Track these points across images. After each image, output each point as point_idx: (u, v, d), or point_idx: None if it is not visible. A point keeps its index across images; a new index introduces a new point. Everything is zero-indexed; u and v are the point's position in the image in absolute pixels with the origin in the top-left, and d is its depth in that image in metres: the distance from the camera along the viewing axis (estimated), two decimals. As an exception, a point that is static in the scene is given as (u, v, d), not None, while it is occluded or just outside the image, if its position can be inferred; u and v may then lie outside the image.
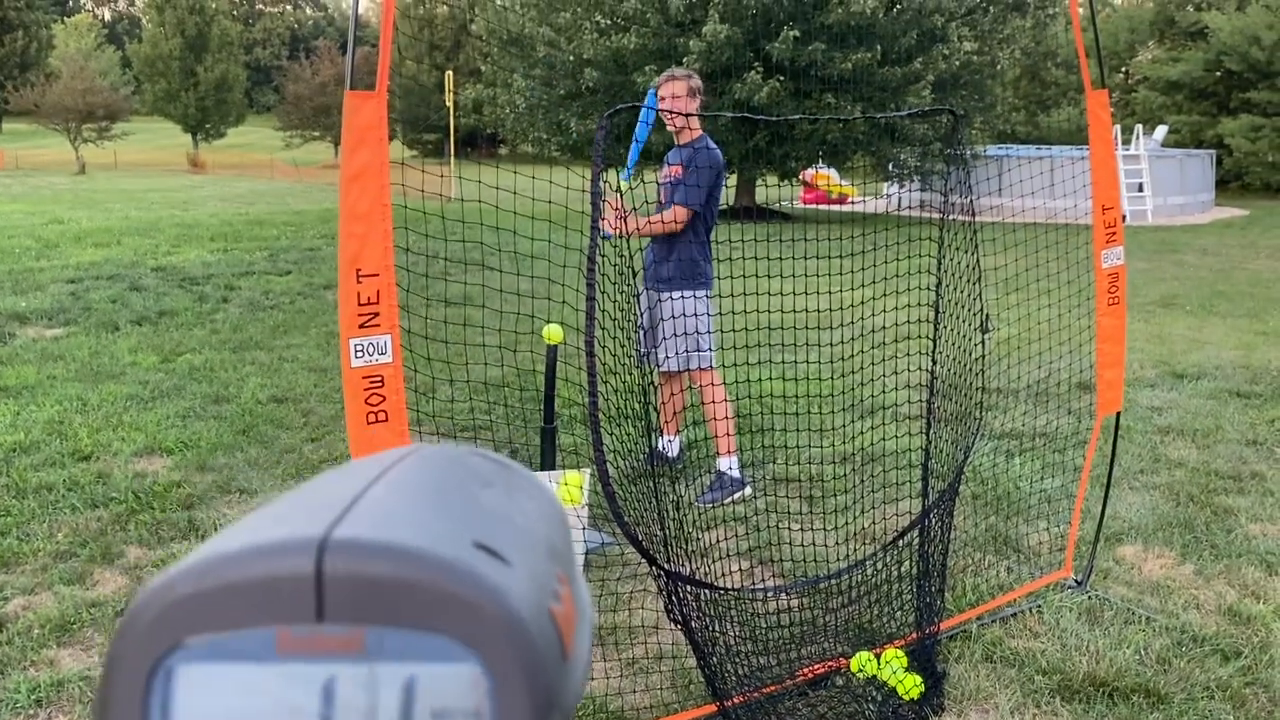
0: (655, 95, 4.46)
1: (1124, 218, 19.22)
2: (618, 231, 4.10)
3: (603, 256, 2.55)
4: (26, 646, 3.23)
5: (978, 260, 3.22)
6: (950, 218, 3.21)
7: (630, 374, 2.81)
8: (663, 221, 4.32)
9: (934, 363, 3.16)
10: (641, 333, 4.66)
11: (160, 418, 5.70)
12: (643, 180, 4.31)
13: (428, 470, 0.37)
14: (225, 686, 0.31)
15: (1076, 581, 3.68)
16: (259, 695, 0.31)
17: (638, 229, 4.32)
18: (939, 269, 3.15)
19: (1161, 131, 25.41)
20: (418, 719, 0.31)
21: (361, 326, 2.22)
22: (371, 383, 2.25)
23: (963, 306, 3.24)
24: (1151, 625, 3.35)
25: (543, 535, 0.35)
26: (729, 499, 4.43)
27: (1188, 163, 24.48)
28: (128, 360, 7.19)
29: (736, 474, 4.52)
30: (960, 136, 3.26)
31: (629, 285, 2.67)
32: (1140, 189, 21.79)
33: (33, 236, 14.37)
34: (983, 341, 3.27)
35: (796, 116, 2.84)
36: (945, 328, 3.17)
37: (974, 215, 3.21)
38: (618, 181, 4.22)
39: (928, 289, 3.18)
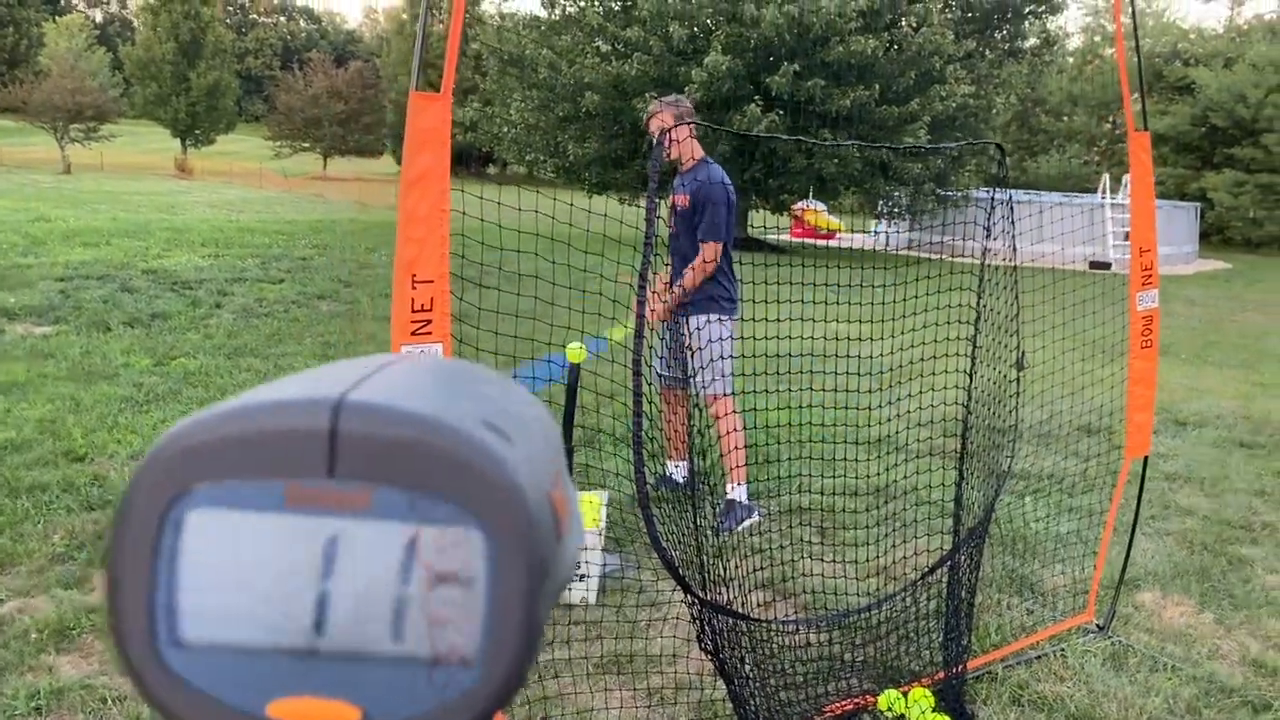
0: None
1: (1109, 265, 19.26)
2: (665, 316, 4.10)
3: (655, 274, 2.49)
4: (24, 651, 3.11)
5: (1016, 296, 3.19)
6: (990, 258, 3.17)
7: (691, 402, 2.74)
8: (703, 266, 4.26)
9: (969, 397, 3.12)
10: (659, 357, 4.59)
11: (156, 421, 5.58)
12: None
13: (435, 363, 0.38)
14: (233, 533, 0.31)
15: (1099, 626, 3.63)
16: (265, 543, 0.31)
17: (684, 291, 4.25)
18: (979, 304, 3.12)
19: (1148, 182, 25.70)
20: (416, 578, 0.31)
21: (414, 334, 2.15)
22: (419, 392, 2.18)
23: (998, 343, 3.20)
24: (1178, 674, 3.31)
25: (539, 431, 0.36)
26: (741, 526, 4.35)
27: (1173, 214, 24.78)
28: (120, 361, 7.05)
29: (745, 500, 4.45)
30: (1004, 173, 3.23)
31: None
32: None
33: (19, 233, 14.18)
34: (1018, 379, 3.23)
35: (837, 143, 2.80)
36: (980, 363, 3.14)
37: (1015, 251, 3.18)
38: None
39: (950, 323, 3.14)
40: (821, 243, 20.21)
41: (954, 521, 3.18)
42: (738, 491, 4.43)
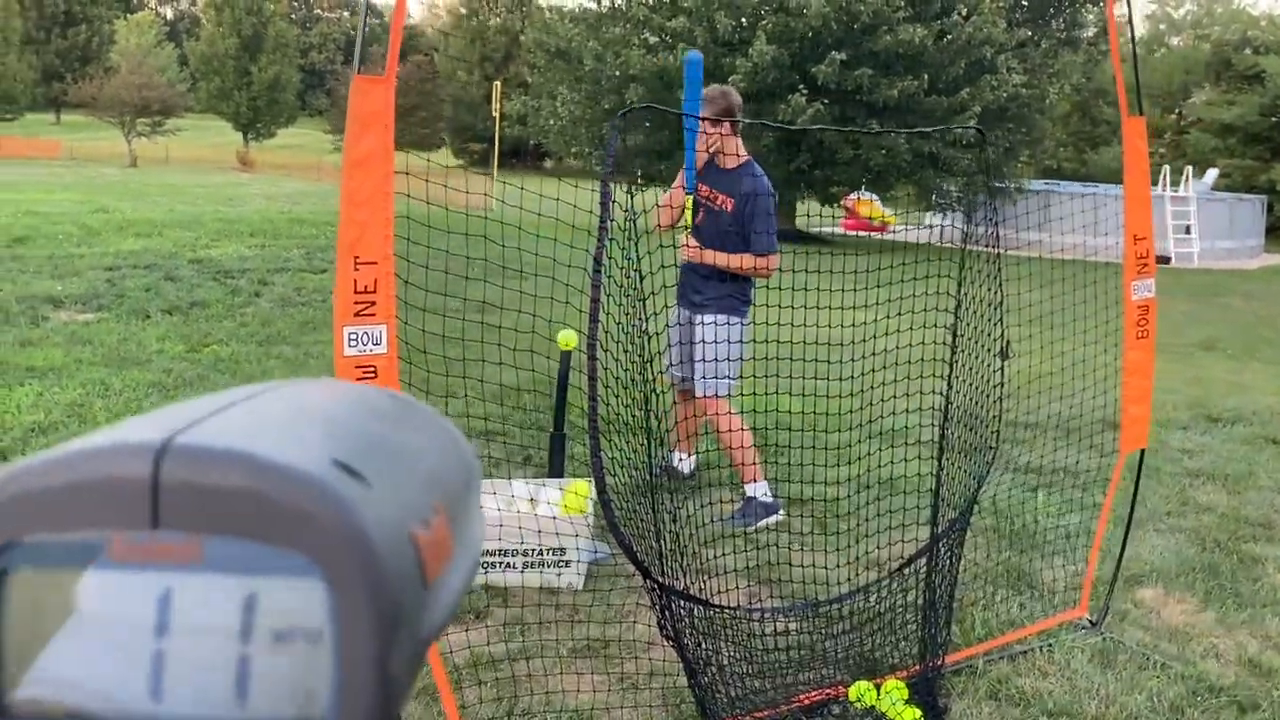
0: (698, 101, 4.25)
1: (1168, 260, 18.78)
2: (693, 258, 4.23)
3: (610, 259, 2.50)
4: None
5: (1000, 285, 3.13)
6: (973, 245, 3.13)
7: (641, 385, 2.74)
8: (761, 272, 4.31)
9: (949, 387, 3.08)
10: (671, 347, 4.58)
11: (179, 406, 5.72)
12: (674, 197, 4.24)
13: (314, 394, 0.36)
14: (56, 592, 0.29)
15: (1091, 622, 3.56)
16: (91, 602, 0.29)
17: (721, 264, 4.31)
18: (959, 292, 3.07)
19: (1212, 175, 25.04)
20: (258, 635, 0.29)
21: (357, 315, 2.18)
22: (364, 373, 2.21)
23: (983, 332, 3.15)
24: (1167, 672, 3.23)
25: (424, 466, 0.34)
26: (759, 524, 4.31)
27: (1238, 207, 24.09)
28: (155, 348, 7.24)
29: (768, 499, 4.40)
30: (986, 157, 3.17)
31: (635, 289, 2.61)
32: (1188, 231, 21.47)
33: (77, 224, 14.58)
34: (1002, 368, 3.17)
35: (819, 127, 2.79)
36: (962, 352, 3.09)
37: (998, 239, 3.12)
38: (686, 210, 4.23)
39: (946, 310, 3.10)
40: (874, 235, 19.99)
41: (932, 513, 3.14)
42: (755, 489, 4.40)
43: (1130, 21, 3.24)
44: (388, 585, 0.29)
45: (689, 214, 4.26)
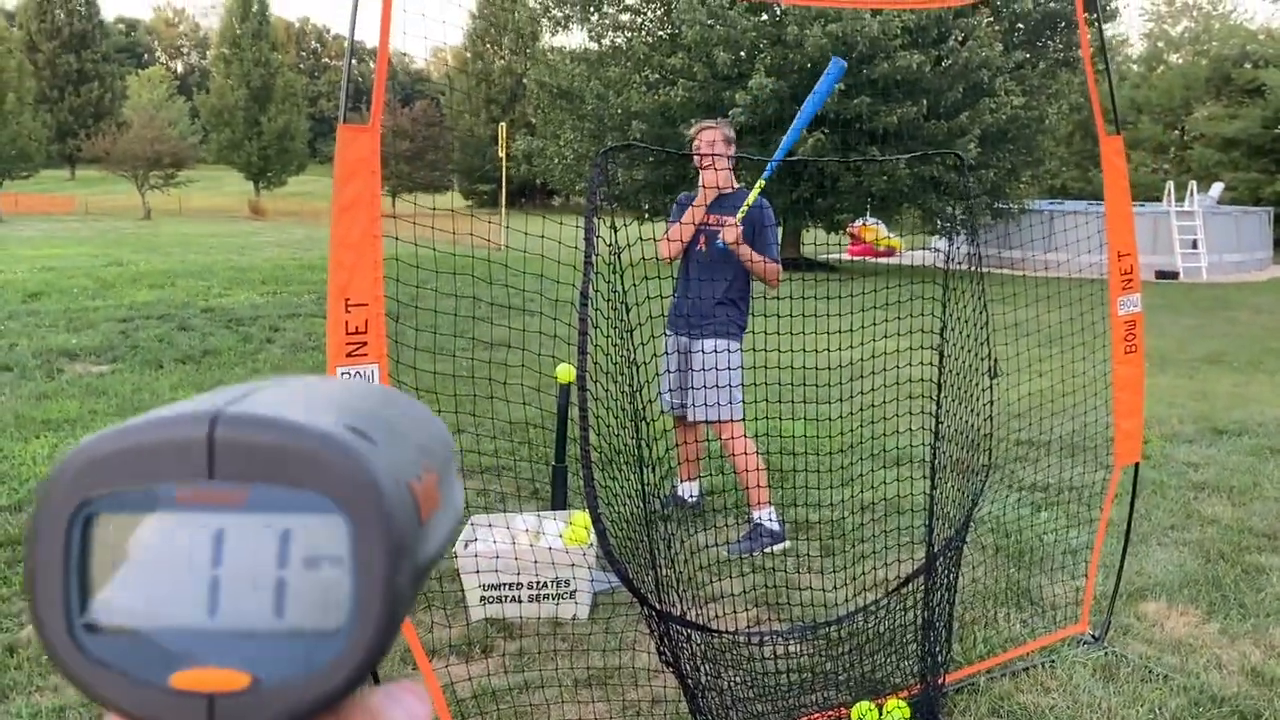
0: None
1: (1177, 274, 18.71)
2: (734, 242, 4.36)
3: (596, 291, 2.57)
4: (34, 672, 3.28)
5: (984, 304, 3.19)
6: (955, 265, 3.19)
7: (637, 417, 2.80)
8: (776, 274, 4.49)
9: (939, 407, 3.12)
10: (666, 375, 4.66)
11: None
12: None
13: (320, 382, 0.43)
14: (134, 531, 0.37)
15: (1093, 637, 3.57)
16: (161, 538, 0.37)
17: (754, 262, 4.47)
18: (944, 313, 3.13)
19: (1217, 189, 25.05)
20: (293, 561, 0.37)
21: (349, 355, 2.25)
22: (359, 411, 2.27)
23: (970, 352, 3.20)
24: (1169, 684, 3.24)
25: (413, 438, 0.41)
26: (763, 550, 4.35)
27: (1244, 220, 24.08)
28: (168, 397, 7.33)
29: (775, 526, 4.44)
30: (967, 181, 3.24)
31: (622, 321, 2.68)
32: (1194, 245, 21.46)
33: (91, 277, 14.79)
34: (990, 386, 3.22)
35: (799, 158, 2.85)
36: (951, 372, 3.14)
37: (979, 260, 3.18)
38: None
39: (933, 331, 3.15)
40: (880, 260, 20.07)
41: (927, 532, 3.17)
42: (763, 515, 4.44)
43: (1101, 43, 3.32)
44: (393, 520, 0.37)
45: (746, 207, 4.41)
